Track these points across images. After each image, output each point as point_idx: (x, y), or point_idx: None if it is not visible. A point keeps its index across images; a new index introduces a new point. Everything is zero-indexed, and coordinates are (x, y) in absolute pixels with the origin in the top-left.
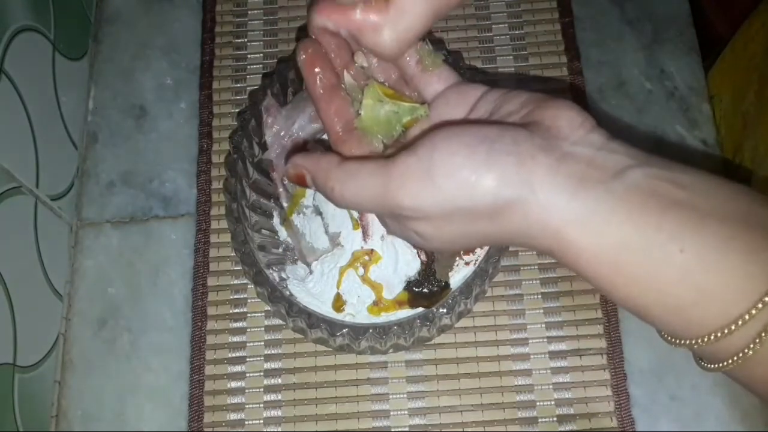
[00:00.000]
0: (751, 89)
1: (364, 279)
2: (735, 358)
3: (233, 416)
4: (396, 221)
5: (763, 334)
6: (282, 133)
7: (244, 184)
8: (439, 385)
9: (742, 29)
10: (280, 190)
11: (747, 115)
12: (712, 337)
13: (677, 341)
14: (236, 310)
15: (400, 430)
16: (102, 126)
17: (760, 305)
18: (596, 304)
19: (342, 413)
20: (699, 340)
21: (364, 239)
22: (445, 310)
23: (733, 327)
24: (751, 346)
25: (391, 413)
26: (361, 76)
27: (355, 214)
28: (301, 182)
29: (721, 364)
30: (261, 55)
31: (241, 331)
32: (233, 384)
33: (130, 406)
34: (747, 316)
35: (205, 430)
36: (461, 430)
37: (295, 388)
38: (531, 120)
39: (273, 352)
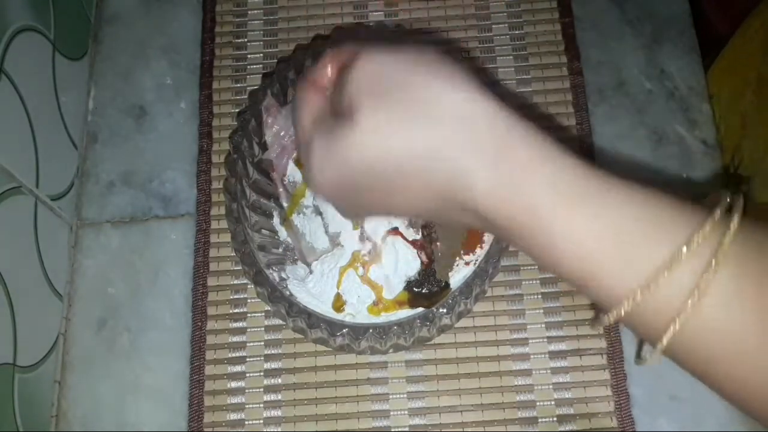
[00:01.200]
0: (749, 88)
1: (364, 279)
2: (673, 321)
3: (233, 416)
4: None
5: (704, 275)
6: (282, 133)
7: (244, 184)
8: (439, 385)
9: (741, 28)
10: (280, 190)
11: (746, 115)
12: (638, 295)
13: (611, 315)
14: (236, 310)
15: (400, 430)
16: (102, 126)
17: (685, 249)
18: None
19: (342, 413)
20: (630, 300)
21: (364, 239)
22: (445, 310)
23: (661, 277)
24: (689, 302)
25: (391, 413)
26: None
27: None
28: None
29: (661, 339)
30: (261, 55)
31: (241, 331)
32: (233, 384)
33: (130, 406)
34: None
35: (205, 430)
36: (461, 430)
37: (295, 388)
38: None
39: (273, 352)
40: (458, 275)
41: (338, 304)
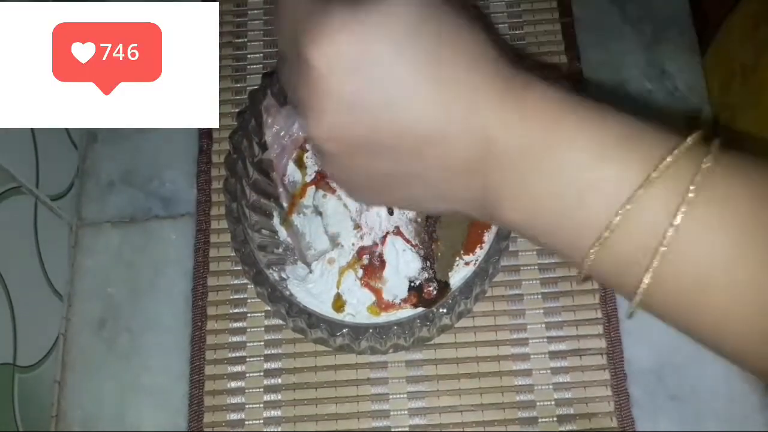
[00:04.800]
0: (735, 79)
1: (363, 282)
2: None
3: (233, 416)
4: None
5: (680, 211)
6: (282, 133)
7: (244, 184)
8: (439, 385)
9: (724, 23)
10: (280, 190)
11: (735, 106)
12: (606, 234)
13: (585, 262)
14: (236, 310)
15: (400, 430)
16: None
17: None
18: (596, 304)
19: (342, 413)
20: (596, 245)
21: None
22: (445, 310)
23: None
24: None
25: (391, 413)
26: None
27: (354, 215)
28: None
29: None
30: (261, 55)
31: (241, 331)
32: (233, 384)
33: (130, 406)
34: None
35: (205, 430)
36: (461, 430)
37: (295, 388)
38: None
39: (273, 352)
40: (458, 275)
41: (338, 304)
